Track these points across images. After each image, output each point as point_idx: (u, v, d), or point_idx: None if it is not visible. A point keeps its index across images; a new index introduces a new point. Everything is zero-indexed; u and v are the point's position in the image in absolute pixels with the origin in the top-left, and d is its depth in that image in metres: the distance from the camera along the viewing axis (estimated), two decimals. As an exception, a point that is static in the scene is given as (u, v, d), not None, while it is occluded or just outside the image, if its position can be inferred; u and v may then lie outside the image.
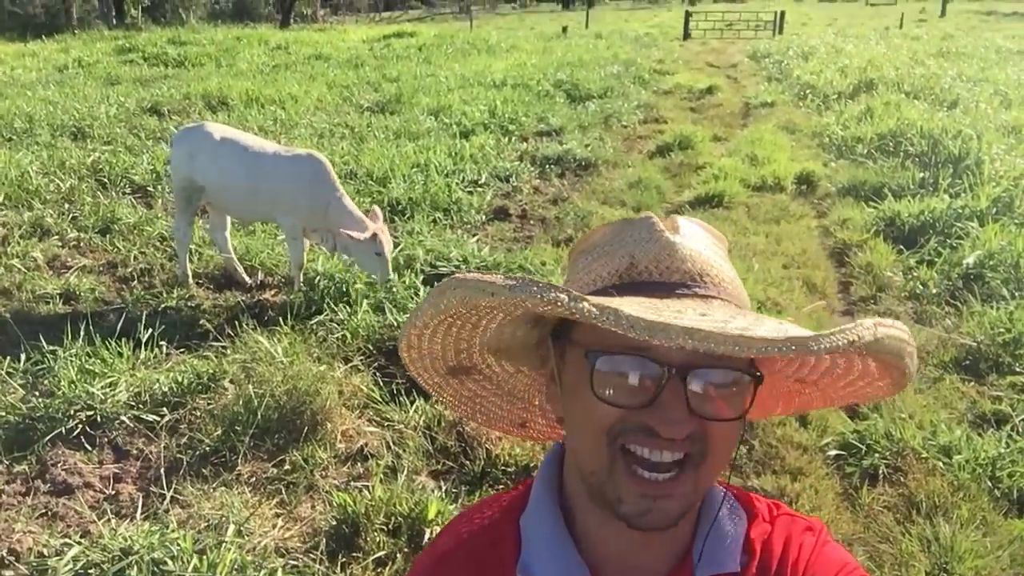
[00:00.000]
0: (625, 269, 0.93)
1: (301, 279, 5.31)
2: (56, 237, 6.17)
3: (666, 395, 0.84)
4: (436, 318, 0.94)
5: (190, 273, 5.51)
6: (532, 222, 7.36)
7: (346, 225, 4.95)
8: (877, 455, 3.81)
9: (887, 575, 3.12)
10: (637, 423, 0.86)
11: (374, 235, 4.88)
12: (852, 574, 0.97)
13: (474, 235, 6.67)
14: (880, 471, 3.72)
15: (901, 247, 6.63)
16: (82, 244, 6.12)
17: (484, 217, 7.30)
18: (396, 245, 5.88)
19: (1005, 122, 9.92)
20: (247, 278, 5.54)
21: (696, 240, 0.96)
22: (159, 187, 7.42)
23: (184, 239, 5.36)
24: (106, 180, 7.48)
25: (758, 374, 0.89)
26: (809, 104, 13.03)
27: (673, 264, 0.91)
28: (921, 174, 8.28)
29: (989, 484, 3.61)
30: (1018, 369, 4.63)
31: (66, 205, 6.78)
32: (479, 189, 8.00)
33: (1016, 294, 5.49)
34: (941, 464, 3.73)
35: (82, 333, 4.41)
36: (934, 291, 5.77)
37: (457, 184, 7.89)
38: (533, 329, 1.02)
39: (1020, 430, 4.04)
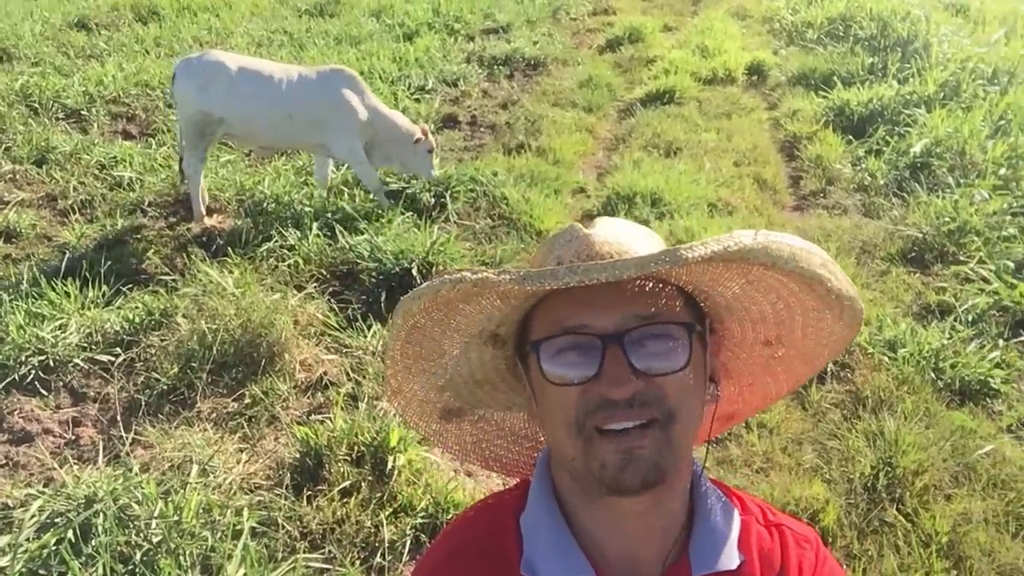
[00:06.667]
0: (547, 268, 0.96)
1: (385, 199, 5.34)
2: (-11, 170, 5.94)
3: (607, 361, 0.90)
4: (397, 348, 1.02)
5: (204, 211, 5.27)
6: (482, 129, 7.23)
7: (395, 133, 5.21)
8: (826, 353, 3.91)
9: (835, 471, 3.26)
10: (594, 398, 0.91)
11: (424, 133, 5.24)
12: None
13: (423, 146, 6.53)
14: (828, 368, 3.83)
15: (850, 137, 6.67)
16: (18, 176, 5.89)
17: (433, 126, 7.13)
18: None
19: (953, 1, 9.84)
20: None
21: (612, 229, 1.01)
22: (93, 110, 7.13)
23: (196, 175, 5.09)
24: (37, 105, 7.15)
25: (690, 323, 0.95)
26: (759, -13, 12.79)
27: (592, 251, 0.97)
28: (870, 59, 8.25)
29: (933, 376, 3.75)
30: (962, 258, 4.75)
31: (-3, 135, 6.50)
32: (426, 96, 7.82)
33: (961, 182, 5.57)
34: (887, 359, 3.85)
35: (26, 274, 4.31)
36: (882, 182, 5.84)
37: (403, 92, 7.70)
38: (496, 349, 1.07)
39: (963, 320, 4.17)
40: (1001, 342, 3.97)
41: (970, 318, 4.18)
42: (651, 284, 0.92)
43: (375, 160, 5.34)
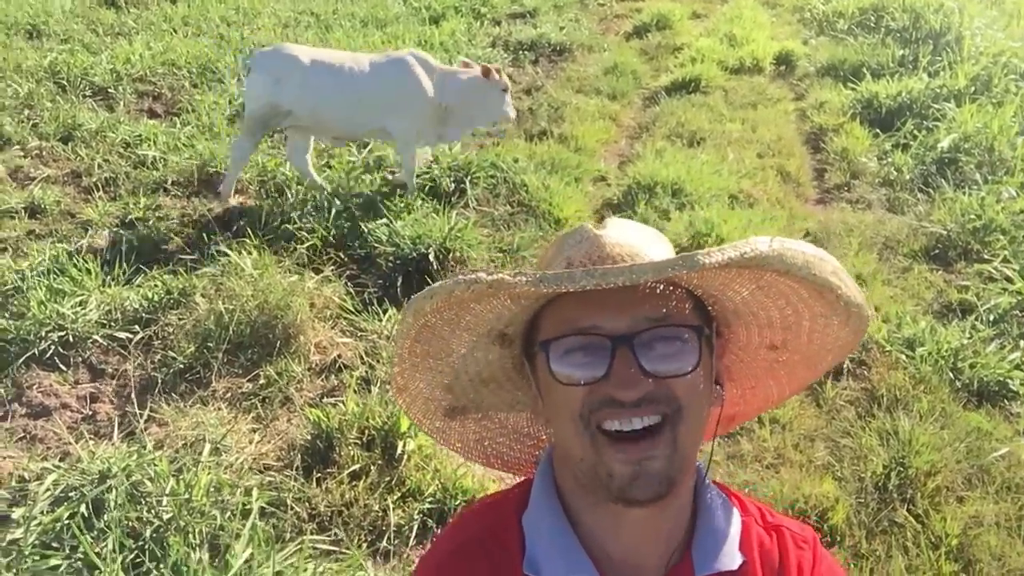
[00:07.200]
0: (564, 270, 0.97)
1: (414, 185, 5.28)
2: (17, 147, 6.00)
3: (617, 363, 0.91)
4: (405, 347, 1.03)
5: (233, 192, 5.30)
6: (505, 114, 7.20)
7: (465, 88, 5.07)
8: (842, 350, 3.87)
9: (846, 469, 3.24)
10: (601, 397, 0.92)
11: (487, 71, 5.06)
12: None
13: (445, 131, 6.53)
14: (844, 365, 3.80)
15: (877, 130, 6.57)
16: (44, 153, 5.96)
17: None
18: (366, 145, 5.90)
19: (989, -8, 9.66)
20: (327, 185, 5.39)
21: (623, 231, 1.01)
22: (119, 88, 7.18)
23: (242, 159, 5.16)
24: (65, 82, 7.21)
25: (700, 326, 0.96)
26: (791, -25, 12.62)
27: (603, 253, 0.98)
28: (901, 51, 8.12)
29: (950, 376, 3.71)
30: (986, 256, 4.68)
31: (25, 111, 6.57)
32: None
33: (989, 179, 5.49)
34: (904, 357, 3.81)
35: (48, 251, 4.37)
36: (907, 177, 5.76)
37: (428, 75, 7.67)
38: (504, 348, 1.08)
39: (984, 319, 4.11)
40: (1022, 343, 3.91)
41: (992, 318, 4.12)
42: (662, 286, 0.93)
43: (459, 127, 5.30)
